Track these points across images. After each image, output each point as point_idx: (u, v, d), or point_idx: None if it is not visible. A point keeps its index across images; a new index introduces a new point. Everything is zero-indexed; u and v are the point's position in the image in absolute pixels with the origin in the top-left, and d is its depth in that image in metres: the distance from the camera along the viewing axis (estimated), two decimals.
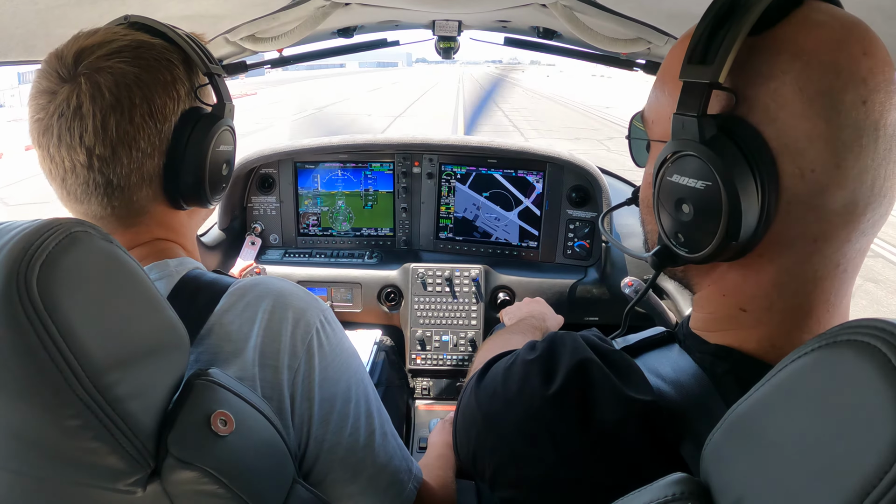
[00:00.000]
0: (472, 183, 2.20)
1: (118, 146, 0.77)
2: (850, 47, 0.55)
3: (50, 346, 0.52)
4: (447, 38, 1.79)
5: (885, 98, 0.55)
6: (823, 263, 0.59)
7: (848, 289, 0.62)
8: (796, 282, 0.60)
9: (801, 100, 0.55)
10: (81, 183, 0.78)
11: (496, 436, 0.73)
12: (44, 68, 0.78)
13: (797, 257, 0.59)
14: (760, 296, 0.62)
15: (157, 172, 0.82)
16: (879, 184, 0.56)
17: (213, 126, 0.85)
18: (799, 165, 0.55)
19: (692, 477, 0.48)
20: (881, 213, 0.58)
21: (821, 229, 0.57)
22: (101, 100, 0.75)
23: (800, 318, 0.61)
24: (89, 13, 1.05)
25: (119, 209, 0.82)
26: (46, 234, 0.54)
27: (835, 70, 0.54)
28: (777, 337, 0.62)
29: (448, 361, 2.15)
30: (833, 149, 0.55)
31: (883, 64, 0.55)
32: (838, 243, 0.58)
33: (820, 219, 0.57)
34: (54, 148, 0.77)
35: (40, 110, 0.77)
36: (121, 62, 0.77)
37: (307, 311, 0.82)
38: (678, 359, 0.69)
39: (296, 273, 2.16)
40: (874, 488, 0.33)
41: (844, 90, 0.54)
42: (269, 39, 1.55)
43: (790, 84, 0.55)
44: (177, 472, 0.61)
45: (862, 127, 0.54)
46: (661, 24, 1.28)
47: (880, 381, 0.35)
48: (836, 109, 0.54)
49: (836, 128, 0.54)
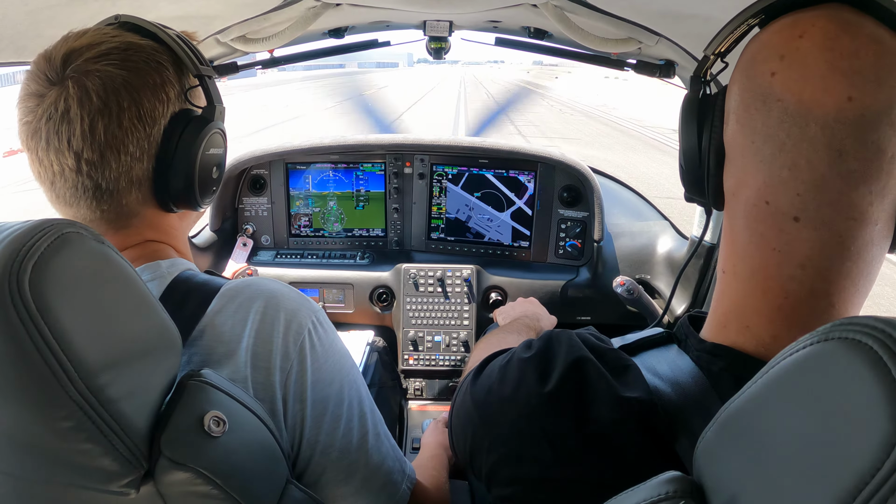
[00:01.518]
0: (464, 184, 2.20)
1: (106, 150, 0.76)
2: (790, 30, 0.59)
3: (42, 347, 0.51)
4: (438, 39, 1.79)
5: (800, 74, 0.57)
6: (786, 263, 0.60)
7: (834, 289, 0.60)
8: (772, 280, 0.61)
9: (737, 71, 0.65)
10: (70, 187, 0.78)
11: (493, 434, 0.73)
12: (32, 71, 0.77)
13: (762, 256, 0.61)
14: (747, 293, 0.63)
15: (147, 176, 0.81)
16: (798, 172, 0.58)
17: (204, 129, 0.84)
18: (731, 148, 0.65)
19: (685, 475, 0.48)
20: (822, 203, 0.58)
21: (766, 227, 0.60)
22: (88, 104, 0.75)
23: (787, 319, 0.61)
24: (80, 14, 1.04)
25: (108, 212, 0.81)
26: (38, 235, 0.54)
27: (760, 44, 0.62)
28: (768, 337, 0.62)
29: (441, 362, 2.15)
30: (742, 125, 0.62)
31: (821, 48, 0.56)
32: (790, 243, 0.59)
33: (759, 213, 0.61)
34: (43, 151, 0.76)
35: (29, 113, 0.76)
36: (109, 65, 0.76)
37: (299, 312, 0.82)
38: (676, 358, 0.69)
39: (287, 274, 2.15)
40: (866, 485, 0.33)
41: (758, 61, 0.61)
42: (260, 40, 1.54)
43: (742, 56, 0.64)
44: (170, 473, 0.61)
45: (764, 96, 0.60)
46: (651, 24, 1.29)
47: (872, 379, 0.35)
48: (748, 75, 0.62)
49: (743, 90, 0.63)
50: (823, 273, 0.59)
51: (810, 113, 0.56)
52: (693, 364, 0.67)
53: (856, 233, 0.58)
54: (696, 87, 0.72)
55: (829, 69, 0.56)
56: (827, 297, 0.60)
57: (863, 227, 0.58)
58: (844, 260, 0.59)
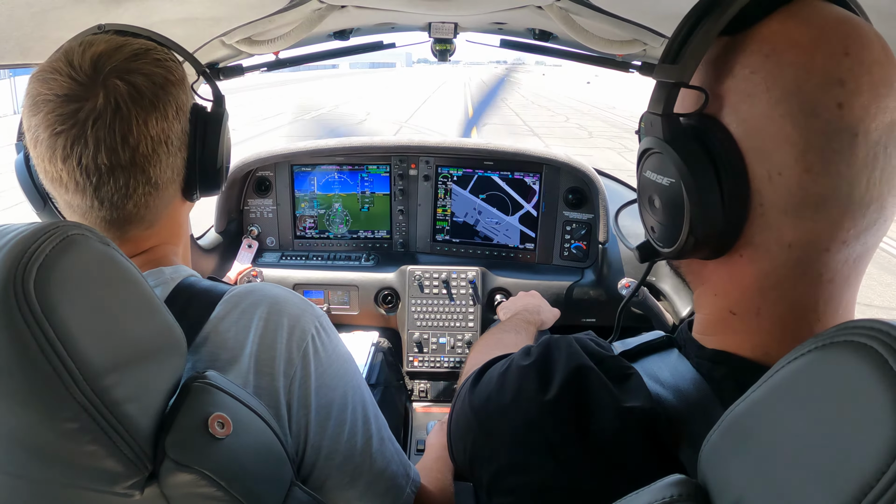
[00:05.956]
0: (471, 187, 2.20)
1: (157, 145, 0.79)
2: (828, 46, 0.53)
3: (47, 349, 0.52)
4: (443, 41, 1.79)
5: (868, 101, 0.52)
6: (803, 271, 0.57)
7: (841, 301, 0.59)
8: (778, 288, 0.59)
9: (768, 100, 0.54)
10: (121, 186, 0.77)
11: (493, 443, 0.72)
12: (54, 79, 0.74)
13: (774, 262, 0.58)
14: (746, 299, 0.61)
15: (182, 166, 0.85)
16: (860, 192, 0.53)
17: (223, 116, 0.90)
18: (767, 168, 0.55)
19: (690, 479, 0.48)
20: (867, 222, 0.55)
21: (795, 236, 0.56)
22: (141, 99, 0.76)
23: (789, 326, 0.60)
24: (87, 16, 1.05)
25: (151, 208, 0.82)
26: (43, 237, 0.54)
27: (806, 70, 0.53)
28: (769, 343, 0.61)
29: (445, 363, 2.15)
30: (800, 153, 0.53)
31: (871, 64, 0.52)
32: (816, 252, 0.56)
33: (793, 225, 0.55)
34: (88, 157, 0.74)
35: (65, 121, 0.73)
36: (146, 63, 0.78)
37: (302, 317, 0.82)
38: (677, 363, 0.68)
39: (292, 276, 2.15)
40: (871, 489, 0.33)
41: (816, 91, 0.52)
42: (265, 42, 1.55)
43: (759, 84, 0.55)
44: (174, 475, 0.61)
45: (835, 131, 0.52)
46: (656, 26, 1.29)
47: (877, 382, 0.35)
48: (805, 111, 0.53)
49: (805, 130, 0.53)
50: (811, 283, 0.58)
51: (890, 137, 0.53)
52: (694, 370, 0.66)
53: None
54: (674, 126, 0.59)
55: (887, 85, 0.53)
56: (818, 306, 0.59)
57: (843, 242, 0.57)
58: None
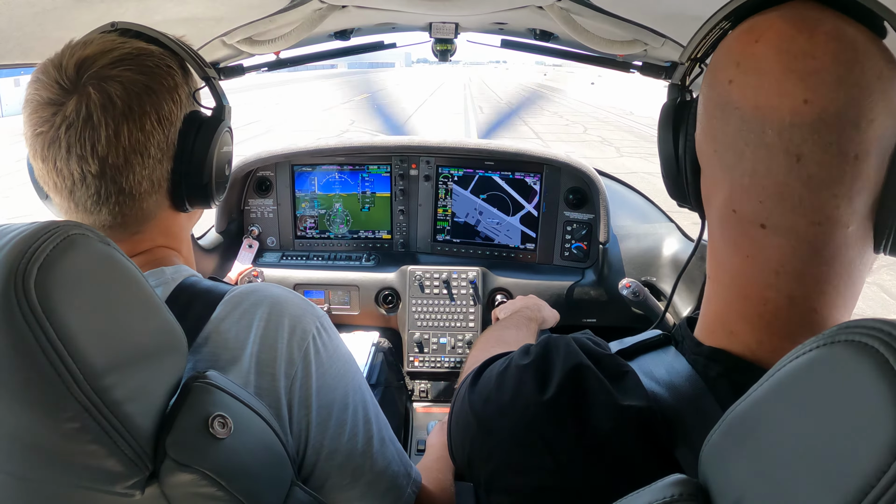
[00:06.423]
0: (472, 187, 2.20)
1: (131, 154, 0.78)
2: (747, 35, 0.59)
3: (48, 348, 0.52)
4: (444, 41, 1.79)
5: (755, 81, 0.56)
6: (761, 270, 0.59)
7: (814, 294, 0.59)
8: (751, 287, 0.61)
9: (703, 79, 0.65)
10: (93, 193, 0.78)
11: (491, 442, 0.73)
12: (42, 81, 0.76)
13: (738, 263, 0.61)
14: (730, 300, 0.64)
15: (166, 177, 0.83)
16: (758, 179, 0.57)
17: (217, 128, 0.87)
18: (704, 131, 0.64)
19: (691, 478, 0.48)
20: (786, 210, 0.57)
21: (737, 234, 0.61)
22: (112, 108, 0.75)
23: (769, 326, 0.61)
24: (87, 16, 1.05)
25: (129, 217, 0.82)
26: (44, 237, 0.54)
27: (721, 51, 0.62)
28: (753, 343, 0.62)
29: (446, 364, 2.15)
30: (709, 132, 0.62)
31: (776, 51, 0.55)
32: (762, 250, 0.59)
33: (729, 221, 0.61)
34: (62, 161, 0.76)
35: (43, 123, 0.75)
36: (127, 70, 0.77)
37: (303, 318, 0.82)
38: (673, 361, 0.69)
39: (293, 276, 2.15)
40: (872, 488, 0.33)
41: (718, 69, 0.61)
42: (266, 42, 1.54)
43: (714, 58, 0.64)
44: (175, 475, 0.61)
45: (723, 105, 0.59)
46: (657, 26, 1.28)
47: (878, 382, 0.35)
48: (709, 83, 0.62)
49: (706, 99, 0.63)
50: (799, 279, 0.58)
51: (766, 119, 0.56)
52: (690, 367, 0.66)
53: (825, 237, 0.57)
54: (673, 95, 0.72)
55: (784, 72, 0.55)
56: (807, 302, 0.59)
57: (832, 231, 0.57)
58: (819, 265, 0.58)
